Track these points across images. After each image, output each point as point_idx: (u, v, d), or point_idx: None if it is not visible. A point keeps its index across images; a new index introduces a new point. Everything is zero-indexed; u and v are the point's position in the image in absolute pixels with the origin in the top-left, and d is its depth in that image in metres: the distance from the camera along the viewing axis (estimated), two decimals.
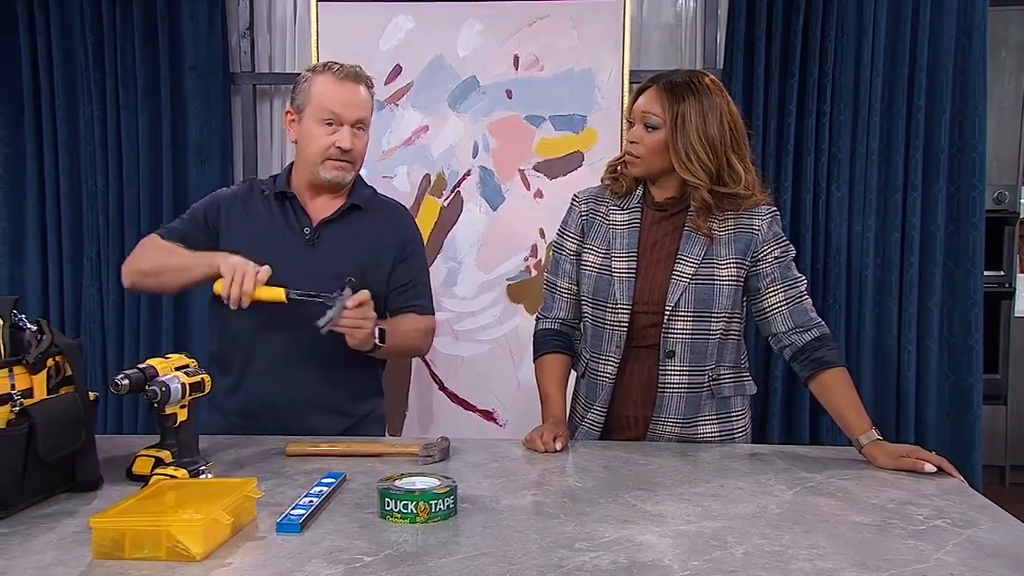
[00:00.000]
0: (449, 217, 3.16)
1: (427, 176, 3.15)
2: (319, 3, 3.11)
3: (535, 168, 3.13)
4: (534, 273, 3.15)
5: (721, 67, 3.11)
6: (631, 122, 1.84)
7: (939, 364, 3.08)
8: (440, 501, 1.31)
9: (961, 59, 3.02)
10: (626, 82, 3.07)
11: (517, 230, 3.15)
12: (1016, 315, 4.44)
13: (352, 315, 1.74)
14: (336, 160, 1.89)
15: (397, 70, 3.12)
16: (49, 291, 3.26)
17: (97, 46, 3.14)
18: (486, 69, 3.12)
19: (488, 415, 3.17)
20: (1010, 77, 4.33)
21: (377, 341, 1.80)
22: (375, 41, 3.12)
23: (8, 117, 3.21)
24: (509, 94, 3.12)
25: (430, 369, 3.17)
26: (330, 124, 1.88)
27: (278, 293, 1.75)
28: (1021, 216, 4.41)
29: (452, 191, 3.16)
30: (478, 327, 3.16)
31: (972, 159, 3.02)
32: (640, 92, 1.84)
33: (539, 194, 3.14)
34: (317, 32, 3.11)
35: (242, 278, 1.71)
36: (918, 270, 3.05)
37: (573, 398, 1.97)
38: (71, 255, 3.24)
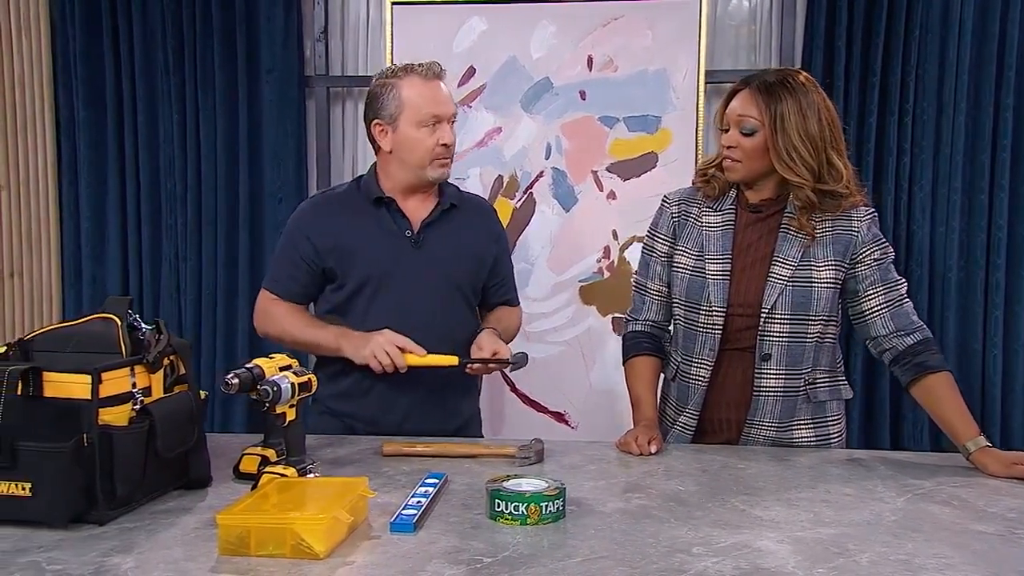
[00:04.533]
0: (521, 218, 3.16)
1: (500, 178, 3.16)
2: (394, 6, 3.13)
3: (608, 169, 3.12)
4: (607, 275, 3.14)
5: (799, 66, 3.06)
6: (724, 129, 1.81)
7: None
8: (550, 503, 1.31)
9: None
10: (701, 82, 3.04)
11: (590, 231, 3.14)
12: None
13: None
14: (441, 158, 1.92)
15: (471, 72, 3.13)
16: (129, 291, 3.33)
17: (177, 52, 3.21)
18: (559, 70, 3.12)
19: (560, 417, 3.16)
20: None
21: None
22: (449, 43, 3.13)
23: (92, 120, 3.28)
24: (582, 95, 3.11)
25: (501, 371, 3.17)
26: (431, 125, 1.89)
27: (451, 360, 1.84)
28: None
29: (525, 192, 3.16)
30: (550, 328, 3.16)
31: None
32: (732, 95, 1.81)
33: (612, 195, 3.12)
34: (392, 35, 3.13)
35: (390, 360, 1.81)
36: (1004, 272, 2.97)
37: (662, 400, 1.96)
38: (150, 256, 3.31)
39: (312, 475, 1.45)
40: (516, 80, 3.13)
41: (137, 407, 1.30)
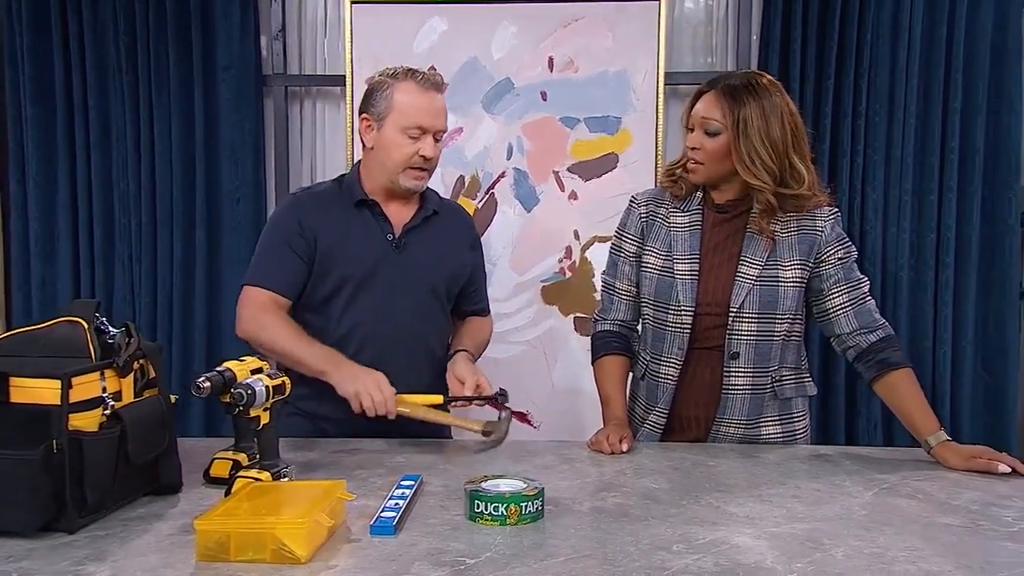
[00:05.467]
0: (483, 219, 3.15)
1: (461, 178, 3.15)
2: (353, 5, 3.11)
3: (569, 170, 3.14)
4: (568, 275, 3.15)
5: (755, 68, 3.11)
6: (690, 128, 1.83)
7: (974, 365, 3.08)
8: (530, 503, 1.31)
9: (996, 56, 3.02)
10: (661, 84, 3.08)
11: (551, 232, 3.15)
12: None
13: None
14: (417, 169, 1.90)
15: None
16: (81, 293, 3.24)
17: (130, 49, 3.14)
18: (520, 71, 3.12)
19: (522, 417, 3.14)
20: None
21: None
22: (409, 43, 3.12)
23: (40, 119, 3.19)
24: (544, 96, 3.12)
25: None
26: (414, 135, 1.88)
27: (435, 399, 1.81)
28: None
29: (486, 193, 3.16)
30: (512, 329, 3.16)
31: (1008, 159, 3.03)
32: (697, 97, 1.83)
33: (573, 196, 3.14)
34: (351, 34, 3.11)
35: (372, 403, 1.73)
36: (953, 271, 3.05)
37: (631, 399, 1.97)
38: (103, 257, 3.23)
39: (286, 479, 1.43)
40: (477, 80, 3.13)
41: (107, 412, 1.27)
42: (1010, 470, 1.58)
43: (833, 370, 3.07)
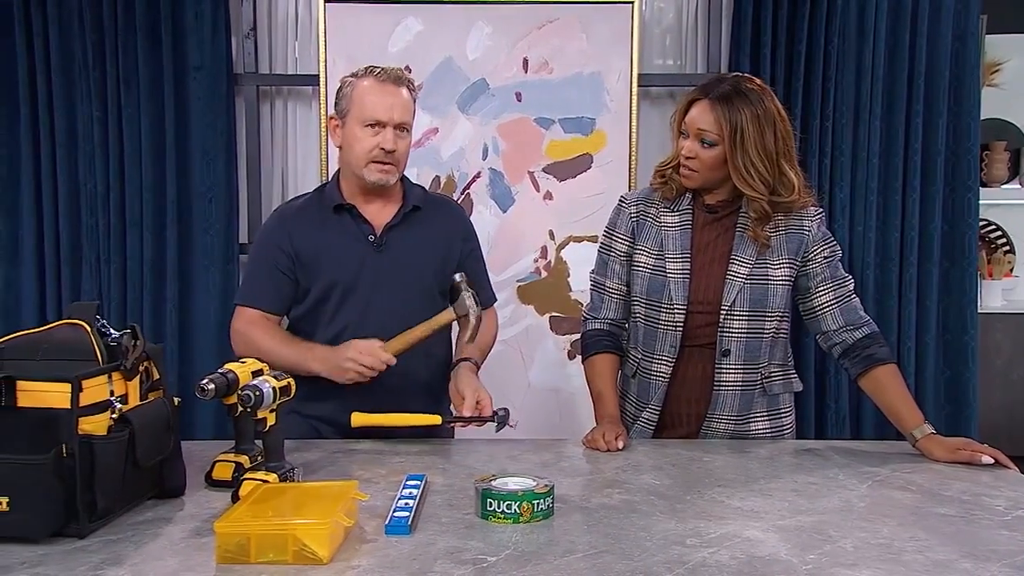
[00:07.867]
0: None
1: (437, 178, 3.15)
2: (327, 4, 3.09)
3: (544, 170, 3.16)
4: (544, 274, 3.18)
5: (726, 71, 3.16)
6: (683, 133, 1.84)
7: (936, 360, 3.18)
8: (541, 500, 1.32)
9: (956, 64, 3.13)
10: (635, 85, 3.11)
11: (527, 232, 3.17)
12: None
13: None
14: (380, 162, 1.90)
15: (407, 72, 3.10)
16: (47, 296, 3.17)
17: (97, 46, 3.08)
18: (496, 71, 3.13)
19: None
20: None
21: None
22: (384, 43, 3.11)
23: (3, 118, 3.12)
24: (519, 96, 3.14)
25: None
26: (373, 127, 1.88)
27: (433, 419, 1.81)
28: None
29: (462, 193, 3.16)
30: None
31: (967, 161, 3.13)
32: (690, 104, 1.83)
33: (548, 196, 3.16)
34: (325, 34, 3.09)
35: (371, 363, 1.78)
36: (916, 269, 3.15)
37: (622, 397, 1.99)
38: (69, 259, 3.16)
39: (293, 480, 1.42)
40: (452, 81, 3.13)
41: (115, 416, 1.25)
42: (993, 461, 1.64)
43: (803, 366, 3.13)
